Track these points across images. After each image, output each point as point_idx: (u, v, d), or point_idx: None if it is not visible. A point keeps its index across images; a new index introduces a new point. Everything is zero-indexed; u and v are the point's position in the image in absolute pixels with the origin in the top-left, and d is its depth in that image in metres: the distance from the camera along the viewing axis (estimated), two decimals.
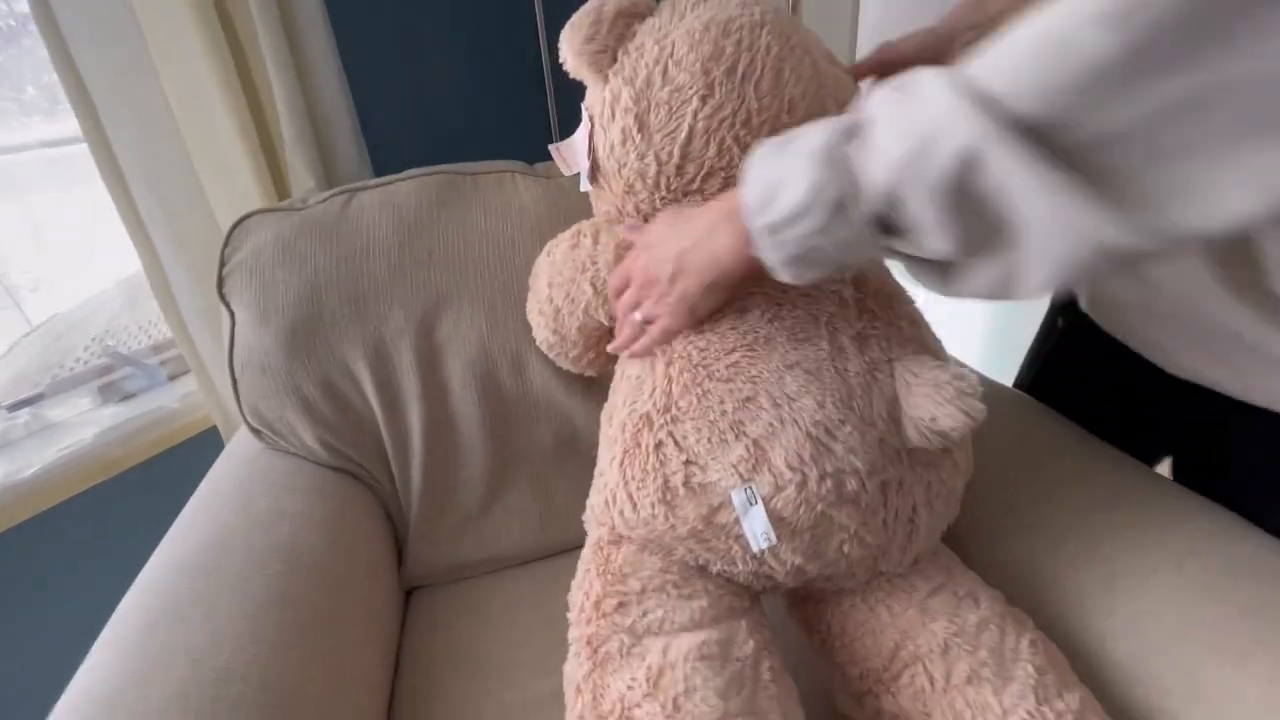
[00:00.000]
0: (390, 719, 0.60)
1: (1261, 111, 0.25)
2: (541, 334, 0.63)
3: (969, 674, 0.45)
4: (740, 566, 0.47)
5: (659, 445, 0.46)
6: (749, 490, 0.43)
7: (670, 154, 0.48)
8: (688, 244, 0.44)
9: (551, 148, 0.60)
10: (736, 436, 0.44)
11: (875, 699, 0.49)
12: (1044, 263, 0.31)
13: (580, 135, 0.54)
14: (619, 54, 0.49)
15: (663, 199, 0.50)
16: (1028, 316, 0.76)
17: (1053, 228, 0.29)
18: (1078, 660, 0.48)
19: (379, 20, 0.96)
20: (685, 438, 0.45)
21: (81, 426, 0.89)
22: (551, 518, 0.74)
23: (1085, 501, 0.56)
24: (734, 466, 0.44)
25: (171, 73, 0.76)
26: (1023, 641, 0.46)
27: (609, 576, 0.47)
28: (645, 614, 0.44)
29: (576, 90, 0.57)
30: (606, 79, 0.49)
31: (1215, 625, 0.45)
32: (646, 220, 0.52)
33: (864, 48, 1.16)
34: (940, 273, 0.35)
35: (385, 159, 0.97)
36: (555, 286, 0.58)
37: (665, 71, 0.46)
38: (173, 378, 0.99)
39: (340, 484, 0.68)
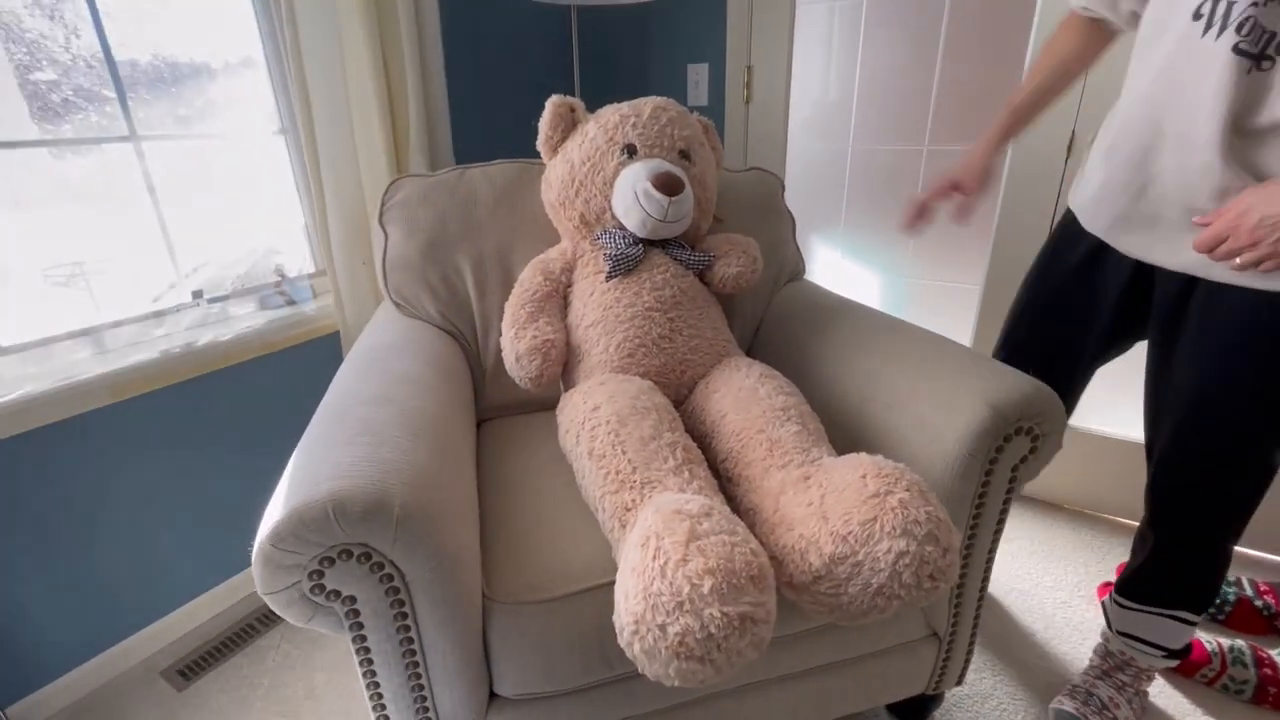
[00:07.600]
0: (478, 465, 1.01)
1: None
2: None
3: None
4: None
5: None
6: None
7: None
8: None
9: None
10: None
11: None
12: None
13: None
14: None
15: None
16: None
17: None
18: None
19: (471, 67, 1.44)
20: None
21: (250, 319, 1.31)
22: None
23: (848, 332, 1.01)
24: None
25: (354, 93, 1.22)
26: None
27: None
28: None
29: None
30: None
31: (901, 365, 0.89)
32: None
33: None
34: None
35: (462, 153, 1.45)
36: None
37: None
38: (316, 296, 1.43)
39: (446, 339, 1.11)
